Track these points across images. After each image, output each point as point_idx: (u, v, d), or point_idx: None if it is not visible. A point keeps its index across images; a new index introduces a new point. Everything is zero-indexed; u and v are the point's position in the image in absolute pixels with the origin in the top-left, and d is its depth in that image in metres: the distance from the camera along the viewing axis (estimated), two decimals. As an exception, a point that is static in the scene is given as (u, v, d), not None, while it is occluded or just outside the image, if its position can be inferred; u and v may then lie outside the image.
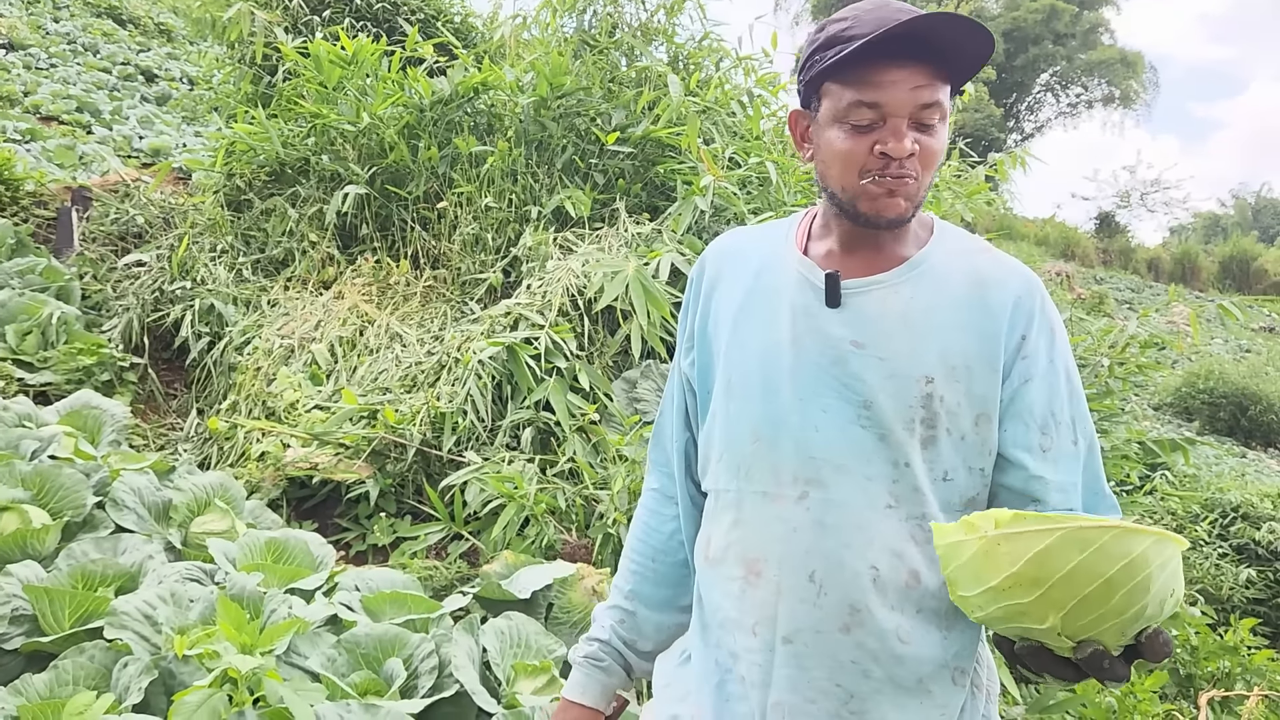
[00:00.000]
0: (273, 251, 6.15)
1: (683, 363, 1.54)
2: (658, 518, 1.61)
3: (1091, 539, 0.92)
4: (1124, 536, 0.91)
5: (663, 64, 5.98)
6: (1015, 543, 0.95)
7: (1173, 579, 0.94)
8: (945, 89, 1.27)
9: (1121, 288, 25.56)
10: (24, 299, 5.44)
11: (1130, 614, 0.93)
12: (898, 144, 1.25)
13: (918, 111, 1.25)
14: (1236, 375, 13.97)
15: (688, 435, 1.55)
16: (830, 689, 1.27)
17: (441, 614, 3.05)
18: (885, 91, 1.25)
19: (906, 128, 1.26)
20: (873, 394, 1.28)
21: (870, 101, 1.26)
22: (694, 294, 1.53)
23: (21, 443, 3.76)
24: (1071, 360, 1.35)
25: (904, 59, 1.24)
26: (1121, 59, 38.54)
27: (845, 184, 1.31)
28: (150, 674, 2.46)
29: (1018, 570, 0.96)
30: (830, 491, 1.28)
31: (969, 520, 1.01)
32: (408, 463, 4.22)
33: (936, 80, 1.26)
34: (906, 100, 1.25)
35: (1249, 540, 6.29)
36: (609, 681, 1.56)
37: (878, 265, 1.35)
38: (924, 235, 1.39)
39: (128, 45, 15.66)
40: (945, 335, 1.29)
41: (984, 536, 0.98)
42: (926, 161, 1.28)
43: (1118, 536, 0.91)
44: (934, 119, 1.26)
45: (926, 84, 1.25)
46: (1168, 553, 0.93)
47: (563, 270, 4.78)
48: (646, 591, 1.59)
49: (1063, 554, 0.93)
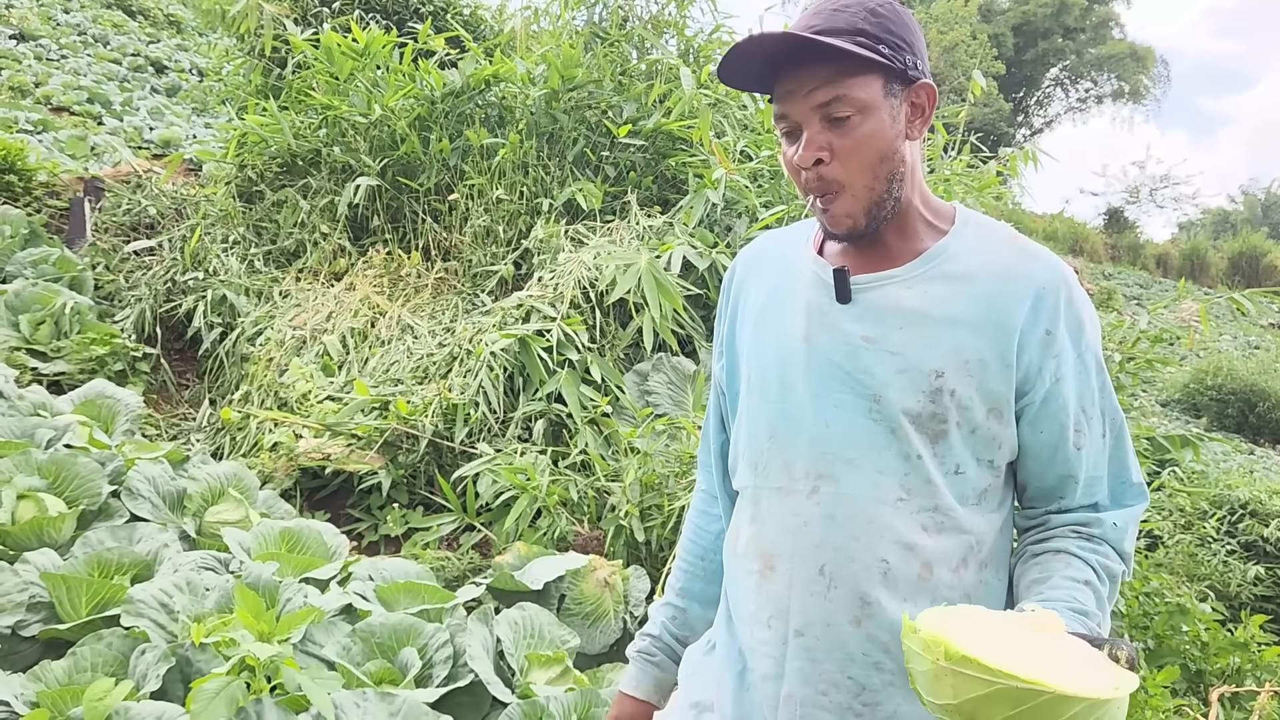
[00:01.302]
0: (284, 243, 6.16)
1: (715, 367, 1.57)
2: (705, 518, 1.63)
3: (1024, 699, 0.95)
4: (1056, 702, 0.94)
5: (674, 56, 5.97)
6: (959, 679, 0.98)
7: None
8: (861, 79, 1.23)
9: (1130, 284, 25.49)
10: (37, 289, 5.46)
11: None
12: (800, 153, 1.26)
13: (823, 110, 1.24)
14: (1245, 371, 13.92)
15: (724, 437, 1.57)
16: (841, 681, 1.28)
17: (455, 604, 3.06)
18: (787, 102, 1.27)
19: (820, 132, 1.25)
20: (883, 388, 1.28)
21: (780, 113, 1.28)
22: (724, 301, 1.55)
23: (37, 431, 3.78)
24: (1099, 350, 1.34)
25: (802, 65, 1.24)
26: (1131, 53, 38.40)
27: (802, 197, 1.33)
28: (168, 661, 2.48)
29: (958, 704, 1.00)
30: (841, 485, 1.28)
31: (931, 637, 1.03)
32: (420, 454, 4.23)
33: (841, 75, 1.23)
34: (805, 103, 1.25)
35: (1257, 537, 6.27)
36: (662, 676, 1.59)
37: (891, 260, 1.35)
38: (943, 226, 1.37)
39: (138, 36, 15.69)
40: (959, 329, 1.28)
41: (936, 661, 1.01)
42: (845, 160, 1.26)
43: (1050, 701, 0.94)
44: (845, 112, 1.23)
45: (823, 83, 1.23)
46: (1107, 712, 0.96)
47: (574, 263, 4.78)
48: (697, 589, 1.61)
49: (996, 707, 0.96)
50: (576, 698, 2.61)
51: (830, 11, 1.25)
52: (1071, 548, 1.30)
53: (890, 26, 1.25)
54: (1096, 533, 1.31)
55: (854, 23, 1.23)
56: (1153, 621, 4.01)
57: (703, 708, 1.45)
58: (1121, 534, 1.31)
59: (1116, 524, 1.31)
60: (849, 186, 1.27)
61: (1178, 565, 5.56)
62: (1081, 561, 1.28)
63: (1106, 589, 1.28)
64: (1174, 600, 4.15)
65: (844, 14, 1.24)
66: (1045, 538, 1.34)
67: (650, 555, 3.67)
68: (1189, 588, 4.75)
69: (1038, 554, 1.33)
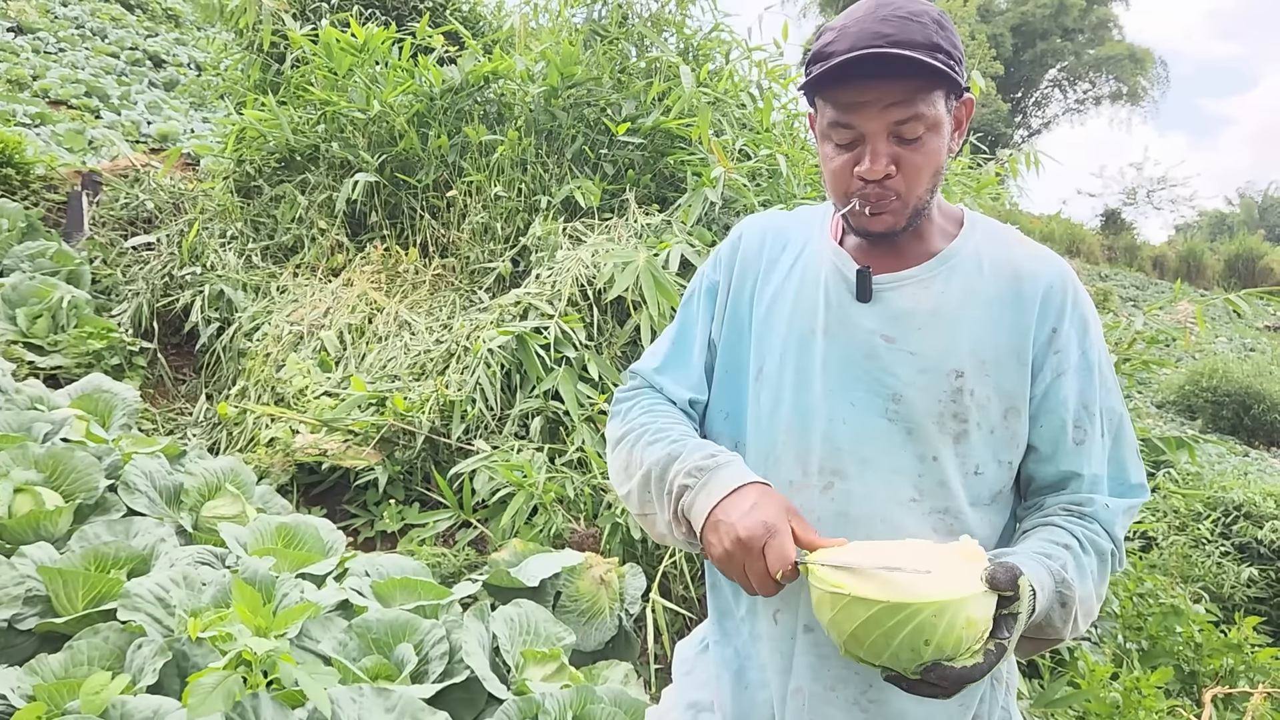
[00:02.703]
0: (282, 238, 6.16)
1: (711, 325, 1.50)
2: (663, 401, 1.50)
3: (836, 601, 1.10)
4: (854, 604, 1.09)
5: (674, 54, 5.97)
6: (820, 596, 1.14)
7: (919, 633, 1.06)
8: (930, 97, 1.24)
9: (1126, 285, 25.51)
10: (34, 282, 5.45)
11: (886, 656, 1.09)
12: (871, 167, 1.25)
13: (895, 128, 1.24)
14: (1240, 374, 13.96)
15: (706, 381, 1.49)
16: (849, 677, 1.29)
17: (451, 600, 3.06)
18: (857, 114, 1.24)
19: (886, 144, 1.25)
20: (903, 388, 1.29)
21: (845, 123, 1.26)
22: (728, 262, 1.50)
23: (34, 425, 3.77)
24: (1104, 350, 1.36)
25: (878, 77, 1.22)
26: (1130, 55, 38.38)
27: (835, 198, 1.33)
28: (164, 655, 2.49)
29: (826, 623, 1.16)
30: (854, 483, 1.29)
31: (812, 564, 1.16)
32: (416, 450, 4.23)
33: (917, 92, 1.23)
34: (879, 119, 1.23)
35: (1251, 539, 6.29)
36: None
37: (907, 259, 1.36)
38: (953, 229, 1.39)
39: (136, 30, 15.65)
40: (976, 329, 1.30)
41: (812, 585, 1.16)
42: (910, 175, 1.26)
43: (850, 603, 1.09)
44: (917, 132, 1.24)
45: (901, 100, 1.22)
46: (901, 614, 1.06)
47: (572, 260, 4.78)
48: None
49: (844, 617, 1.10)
50: (572, 694, 2.61)
51: (900, 20, 1.21)
52: (1058, 520, 1.31)
53: (953, 39, 1.25)
54: (1087, 510, 1.32)
55: (929, 36, 1.21)
56: (1147, 622, 4.02)
57: (700, 707, 1.45)
58: (1112, 516, 1.32)
59: (1109, 505, 1.32)
60: (905, 198, 1.28)
61: (1172, 567, 5.58)
62: (1065, 530, 1.29)
63: (1092, 561, 1.27)
64: (1168, 601, 4.16)
65: (916, 24, 1.21)
66: (1037, 515, 1.35)
67: (646, 553, 3.67)
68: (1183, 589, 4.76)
69: (1026, 529, 1.34)
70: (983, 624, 1.08)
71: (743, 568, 1.18)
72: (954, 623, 1.04)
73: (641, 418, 1.45)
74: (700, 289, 1.53)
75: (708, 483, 1.26)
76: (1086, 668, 3.38)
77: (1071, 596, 1.21)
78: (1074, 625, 1.24)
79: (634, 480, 1.39)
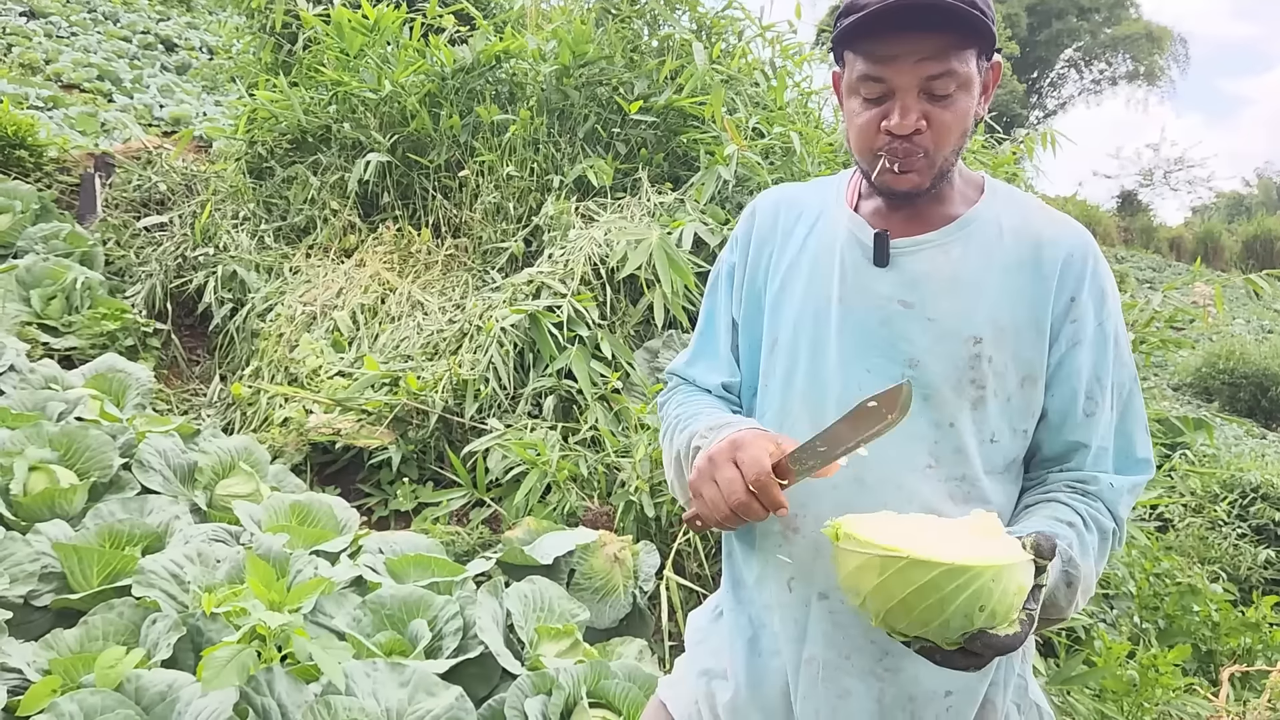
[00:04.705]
0: (294, 219, 6.16)
1: (732, 306, 1.51)
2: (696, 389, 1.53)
3: (887, 566, 1.03)
4: (913, 567, 1.02)
5: (687, 32, 5.92)
6: (842, 555, 1.09)
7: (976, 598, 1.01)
8: (964, 54, 1.22)
9: (1143, 267, 25.34)
10: (49, 264, 5.47)
11: (936, 624, 1.04)
12: (900, 121, 1.22)
13: (926, 83, 1.21)
14: (1258, 356, 13.84)
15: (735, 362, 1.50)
16: (865, 645, 1.28)
17: (465, 577, 3.07)
18: (889, 66, 1.22)
19: (916, 100, 1.22)
20: (920, 354, 1.27)
21: (876, 76, 1.23)
22: (744, 240, 1.50)
23: (49, 404, 3.79)
24: (1120, 322, 1.34)
25: (912, 29, 1.19)
26: (1147, 34, 37.99)
27: (860, 155, 1.30)
28: (179, 630, 2.49)
29: (842, 578, 1.11)
30: (870, 449, 1.27)
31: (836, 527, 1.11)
32: (430, 429, 4.23)
33: (951, 47, 1.20)
34: (911, 73, 1.21)
35: (1269, 521, 6.25)
36: None
37: (926, 224, 1.33)
38: (973, 194, 1.37)
39: (147, 14, 15.63)
40: (994, 296, 1.28)
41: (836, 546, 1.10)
42: (939, 133, 1.24)
43: (908, 566, 1.02)
44: (949, 89, 1.22)
45: (935, 54, 1.20)
46: (982, 584, 1.01)
47: (585, 239, 4.76)
48: None
49: (866, 576, 1.06)
50: (586, 670, 2.61)
51: None
52: (1062, 497, 1.29)
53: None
54: (1092, 489, 1.30)
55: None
56: (1164, 602, 4.00)
57: (714, 675, 1.44)
58: (1116, 495, 1.30)
59: (1113, 484, 1.31)
60: (932, 156, 1.26)
61: (1189, 547, 5.55)
62: (1069, 508, 1.27)
63: (1094, 539, 1.26)
64: (1185, 581, 4.14)
65: None
66: (1040, 491, 1.33)
67: (660, 531, 3.67)
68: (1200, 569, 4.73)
69: (1029, 504, 1.32)
70: (1027, 592, 1.06)
71: (715, 487, 1.18)
72: (1008, 588, 1.03)
73: (674, 411, 1.48)
74: (720, 274, 1.54)
75: (714, 439, 1.26)
76: (1103, 646, 3.37)
77: (1077, 575, 1.20)
78: (1075, 603, 1.23)
79: (670, 470, 1.42)
